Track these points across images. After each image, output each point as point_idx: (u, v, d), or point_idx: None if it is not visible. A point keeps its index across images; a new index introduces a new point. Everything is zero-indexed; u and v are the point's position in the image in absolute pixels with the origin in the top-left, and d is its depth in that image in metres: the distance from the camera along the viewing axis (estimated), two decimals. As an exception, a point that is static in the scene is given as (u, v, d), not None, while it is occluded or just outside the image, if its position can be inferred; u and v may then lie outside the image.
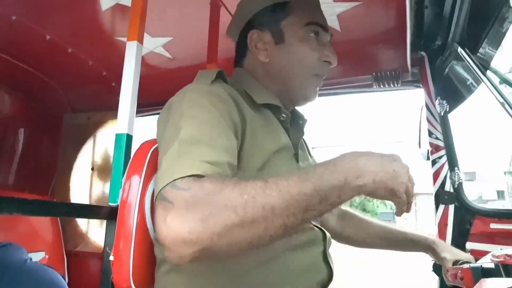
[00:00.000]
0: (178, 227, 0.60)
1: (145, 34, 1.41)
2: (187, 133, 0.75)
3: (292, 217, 0.63)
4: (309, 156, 1.20)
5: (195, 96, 0.84)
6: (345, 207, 1.43)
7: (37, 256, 2.02)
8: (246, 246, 0.63)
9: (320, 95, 2.30)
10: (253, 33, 1.04)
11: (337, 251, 1.25)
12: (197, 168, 0.68)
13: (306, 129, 1.16)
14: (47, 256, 2.09)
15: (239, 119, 0.86)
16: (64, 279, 1.61)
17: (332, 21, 1.75)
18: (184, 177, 0.66)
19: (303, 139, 1.20)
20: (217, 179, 0.66)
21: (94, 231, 2.38)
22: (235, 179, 0.66)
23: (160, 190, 0.67)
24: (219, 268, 0.84)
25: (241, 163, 0.83)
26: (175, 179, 0.66)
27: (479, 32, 1.52)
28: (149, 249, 0.98)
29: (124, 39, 1.38)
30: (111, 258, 0.98)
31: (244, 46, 1.07)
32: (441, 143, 1.71)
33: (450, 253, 1.18)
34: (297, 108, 1.16)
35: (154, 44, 2.01)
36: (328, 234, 1.05)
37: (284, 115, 1.02)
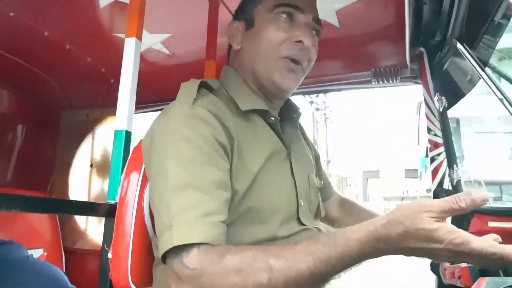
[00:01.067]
0: None
1: (144, 31, 1.41)
2: (177, 177, 0.76)
3: None
4: (307, 147, 1.19)
5: (178, 126, 0.81)
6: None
7: (36, 253, 2.02)
8: None
9: (319, 91, 2.31)
10: (230, 23, 1.05)
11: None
12: (198, 235, 0.70)
13: (301, 121, 1.15)
14: (45, 253, 2.09)
15: (226, 139, 0.84)
16: (63, 276, 1.62)
17: (331, 17, 1.74)
18: (187, 246, 0.70)
19: (300, 129, 1.19)
20: (217, 253, 0.69)
21: (92, 228, 2.38)
22: (235, 250, 0.70)
23: (168, 258, 0.73)
24: None
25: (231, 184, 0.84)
26: (180, 250, 0.70)
27: (478, 28, 1.52)
28: (148, 247, 0.98)
29: (123, 35, 1.38)
30: (110, 255, 0.98)
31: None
32: (440, 140, 1.71)
33: None
34: (291, 99, 1.13)
35: (152, 40, 2.01)
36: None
37: (273, 118, 0.98)
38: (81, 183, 2.51)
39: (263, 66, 0.97)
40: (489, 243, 0.57)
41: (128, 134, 1.26)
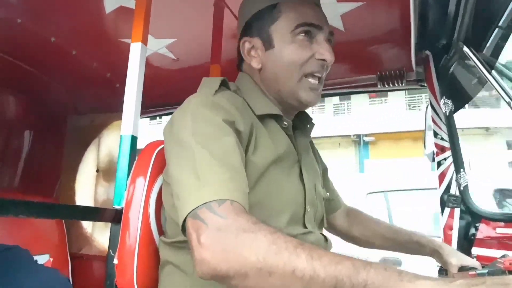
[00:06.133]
0: (205, 250, 0.64)
1: (149, 36, 1.41)
2: (203, 152, 0.75)
3: None
4: (315, 159, 1.20)
5: (200, 109, 0.84)
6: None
7: (42, 259, 2.02)
8: None
9: (324, 95, 2.31)
10: (244, 40, 1.04)
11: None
12: (230, 194, 0.69)
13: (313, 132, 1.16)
14: (51, 259, 2.09)
15: (243, 129, 0.86)
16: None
17: (336, 21, 1.74)
18: (219, 200, 0.68)
19: (311, 142, 1.19)
20: (252, 218, 0.67)
21: (98, 233, 2.38)
22: (271, 227, 0.65)
23: (194, 209, 0.68)
24: None
25: None
26: (211, 201, 0.68)
27: (485, 31, 1.51)
28: (154, 252, 0.98)
29: (128, 40, 1.38)
30: (115, 261, 0.98)
31: (240, 53, 1.07)
32: (446, 144, 1.69)
33: (456, 258, 1.16)
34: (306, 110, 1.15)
35: (158, 45, 2.01)
36: (329, 239, 1.05)
37: (286, 123, 1.01)
38: (87, 188, 2.51)
39: (288, 85, 0.99)
40: None
41: (134, 139, 1.26)
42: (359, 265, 0.57)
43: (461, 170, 1.63)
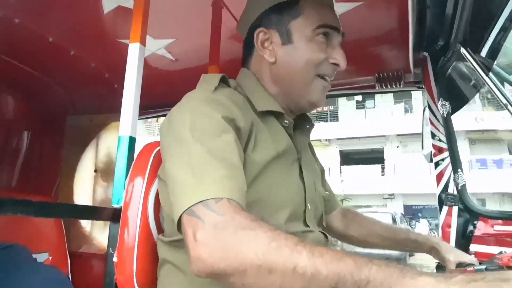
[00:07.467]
0: (202, 247, 0.62)
1: (148, 36, 1.41)
2: (201, 148, 0.74)
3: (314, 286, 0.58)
4: (314, 159, 1.20)
5: (199, 105, 0.82)
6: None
7: (41, 257, 2.02)
8: None
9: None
10: (260, 31, 1.00)
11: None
12: (227, 192, 0.68)
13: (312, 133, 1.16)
14: (50, 257, 2.10)
15: (244, 126, 0.84)
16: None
17: (335, 22, 1.74)
18: (216, 198, 0.67)
19: (309, 143, 1.20)
20: (251, 216, 0.66)
21: (97, 232, 2.38)
22: (270, 225, 0.65)
23: (190, 207, 0.67)
24: None
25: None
26: (207, 199, 0.67)
27: (482, 32, 1.52)
28: (153, 250, 0.98)
29: (126, 41, 1.38)
30: (115, 259, 0.98)
31: (251, 45, 1.04)
32: (444, 145, 1.70)
33: (453, 254, 1.17)
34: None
35: (156, 46, 2.01)
36: (329, 237, 1.05)
37: (287, 122, 1.00)
38: (86, 187, 2.51)
39: (301, 83, 0.99)
40: None
41: (132, 140, 1.26)
42: (361, 262, 0.57)
43: (459, 170, 1.64)
